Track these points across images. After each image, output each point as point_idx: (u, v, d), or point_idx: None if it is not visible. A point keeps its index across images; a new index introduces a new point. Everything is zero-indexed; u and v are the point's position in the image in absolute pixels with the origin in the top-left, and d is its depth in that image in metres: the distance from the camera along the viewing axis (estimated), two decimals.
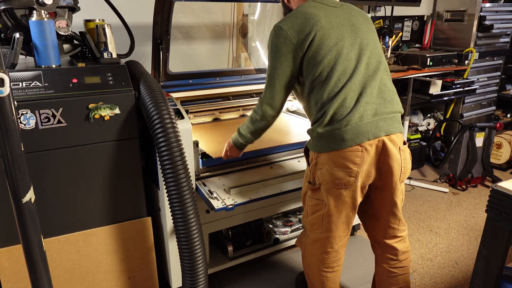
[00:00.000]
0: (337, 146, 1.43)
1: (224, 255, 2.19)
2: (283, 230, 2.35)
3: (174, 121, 1.57)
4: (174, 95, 2.06)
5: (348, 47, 1.46)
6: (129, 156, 1.69)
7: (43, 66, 1.52)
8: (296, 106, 2.67)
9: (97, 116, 1.57)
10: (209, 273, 2.00)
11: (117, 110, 1.60)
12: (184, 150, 1.57)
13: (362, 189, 1.52)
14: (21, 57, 1.56)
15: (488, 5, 3.63)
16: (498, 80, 4.14)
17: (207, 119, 2.40)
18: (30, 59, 1.65)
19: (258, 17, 2.80)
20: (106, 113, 1.58)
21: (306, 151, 1.64)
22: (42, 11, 1.48)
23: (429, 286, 2.19)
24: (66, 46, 1.72)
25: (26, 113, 1.45)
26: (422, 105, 4.00)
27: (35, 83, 1.48)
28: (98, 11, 1.84)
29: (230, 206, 1.72)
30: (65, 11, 1.60)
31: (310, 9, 1.48)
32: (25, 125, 1.46)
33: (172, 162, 1.52)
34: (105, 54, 1.64)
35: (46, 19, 1.47)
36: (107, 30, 1.65)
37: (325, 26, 1.45)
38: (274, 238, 2.30)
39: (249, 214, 2.13)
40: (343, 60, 1.44)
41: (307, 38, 1.43)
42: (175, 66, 2.31)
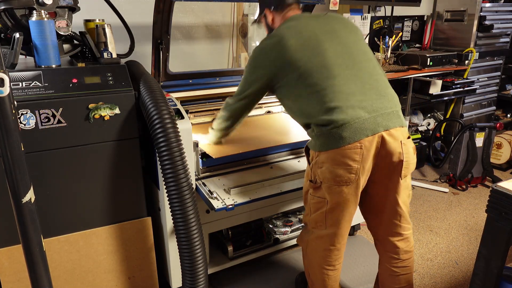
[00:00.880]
0: (336, 144, 1.45)
1: (224, 255, 2.18)
2: (283, 230, 2.35)
3: (174, 121, 1.57)
4: (174, 95, 2.06)
5: (331, 51, 1.52)
6: (129, 156, 1.69)
7: (43, 66, 1.52)
8: None
9: (97, 116, 1.57)
10: (209, 273, 2.00)
11: (117, 110, 1.60)
12: (184, 150, 1.57)
13: (363, 185, 1.54)
14: (21, 57, 1.56)
15: (488, 5, 3.63)
16: (498, 80, 4.14)
17: (207, 119, 2.40)
18: (30, 59, 1.65)
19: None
20: (106, 113, 1.58)
21: (307, 150, 1.65)
22: (42, 11, 1.48)
23: (429, 286, 2.19)
24: (66, 46, 1.71)
25: (26, 113, 1.45)
26: (422, 105, 4.00)
27: (35, 83, 1.48)
28: (98, 11, 1.84)
29: (230, 206, 1.72)
30: (65, 11, 1.60)
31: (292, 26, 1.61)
32: (25, 125, 1.46)
33: (172, 162, 1.52)
34: (105, 54, 1.63)
35: (46, 19, 1.47)
36: (107, 30, 1.65)
37: (304, 38, 1.55)
38: (274, 238, 2.30)
39: (249, 214, 2.13)
40: (327, 62, 1.50)
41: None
42: (175, 66, 2.30)
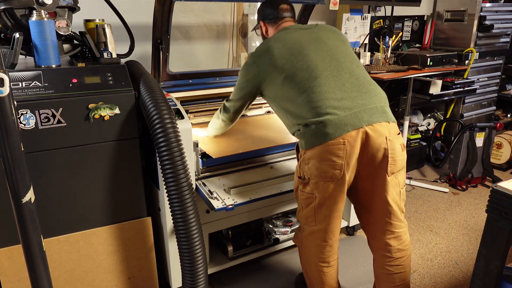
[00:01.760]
0: (319, 141, 1.50)
1: (224, 255, 2.18)
2: (283, 230, 2.35)
3: (174, 121, 1.57)
4: (174, 95, 2.06)
5: (314, 55, 1.60)
6: (129, 156, 1.69)
7: (43, 66, 1.52)
8: None
9: (97, 116, 1.57)
10: (209, 273, 2.00)
11: (117, 110, 1.60)
12: (184, 150, 1.57)
13: (351, 181, 1.57)
14: (21, 57, 1.56)
15: (488, 5, 3.63)
16: (498, 80, 4.14)
17: (207, 119, 2.39)
18: (30, 59, 1.65)
19: None
20: (106, 113, 1.58)
21: (297, 148, 1.70)
22: (42, 11, 1.48)
23: (429, 286, 2.19)
24: (66, 46, 1.71)
25: (26, 113, 1.45)
26: (422, 105, 4.00)
27: (35, 83, 1.48)
28: (98, 11, 1.84)
29: (230, 206, 1.72)
30: (65, 11, 1.60)
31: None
32: (25, 125, 1.46)
33: (172, 162, 1.52)
34: (105, 54, 1.63)
35: (46, 19, 1.47)
36: (107, 30, 1.65)
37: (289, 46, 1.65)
38: (274, 238, 2.30)
39: (249, 214, 2.13)
40: (310, 65, 1.58)
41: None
42: (175, 66, 2.31)
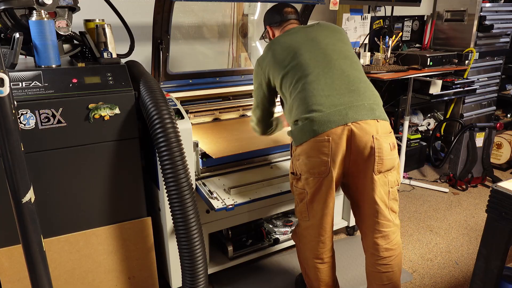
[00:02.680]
0: (306, 137, 1.54)
1: (224, 255, 2.18)
2: (283, 230, 2.35)
3: (174, 121, 1.57)
4: (174, 95, 2.06)
5: (307, 54, 1.63)
6: (129, 156, 1.69)
7: (43, 66, 1.52)
8: None
9: (97, 116, 1.57)
10: (209, 273, 2.00)
11: (117, 110, 1.60)
12: (184, 150, 1.57)
13: (340, 178, 1.60)
14: (21, 57, 1.56)
15: (488, 5, 3.63)
16: (498, 80, 4.14)
17: (207, 119, 2.40)
18: (30, 59, 1.65)
19: (258, 17, 2.80)
20: (106, 113, 1.58)
21: (291, 144, 1.73)
22: (42, 11, 1.48)
23: (429, 286, 2.19)
24: (66, 46, 1.71)
25: (26, 113, 1.45)
26: (422, 105, 4.00)
27: (35, 83, 1.48)
28: (98, 11, 1.84)
29: (230, 206, 1.72)
30: (65, 11, 1.60)
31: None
32: (25, 125, 1.46)
33: (172, 162, 1.52)
34: (105, 54, 1.64)
35: (46, 19, 1.47)
36: (107, 30, 1.65)
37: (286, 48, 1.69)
38: (274, 238, 2.30)
39: (249, 214, 2.13)
40: (302, 64, 1.61)
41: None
42: (175, 66, 2.31)
